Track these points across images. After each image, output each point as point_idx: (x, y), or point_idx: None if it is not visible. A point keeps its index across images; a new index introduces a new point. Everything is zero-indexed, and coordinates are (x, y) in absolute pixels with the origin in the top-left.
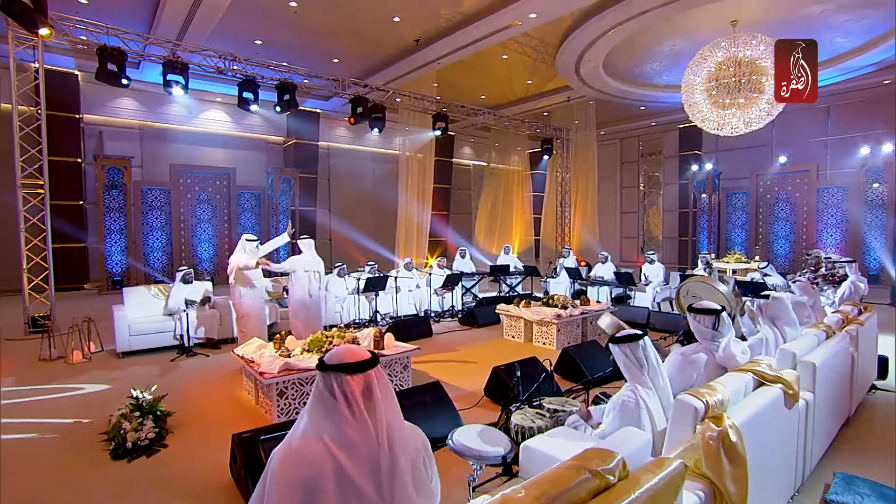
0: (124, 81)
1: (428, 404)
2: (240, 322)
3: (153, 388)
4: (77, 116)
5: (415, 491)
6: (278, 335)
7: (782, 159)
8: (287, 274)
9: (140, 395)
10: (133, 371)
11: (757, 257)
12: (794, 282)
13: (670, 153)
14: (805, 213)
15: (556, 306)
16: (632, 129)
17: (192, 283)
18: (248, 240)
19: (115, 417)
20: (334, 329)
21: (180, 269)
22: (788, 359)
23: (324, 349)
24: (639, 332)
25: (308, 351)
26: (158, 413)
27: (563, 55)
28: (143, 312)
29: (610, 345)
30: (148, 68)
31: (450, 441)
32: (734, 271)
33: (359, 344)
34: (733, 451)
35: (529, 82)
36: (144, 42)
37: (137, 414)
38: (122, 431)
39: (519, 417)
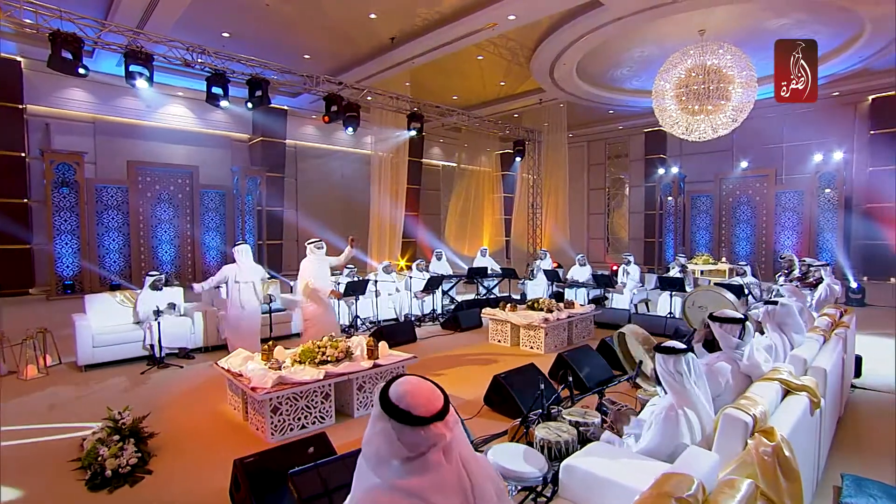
0: (81, 71)
1: None
2: (307, 325)
3: (131, 408)
4: (20, 107)
5: None
6: (265, 346)
7: (743, 164)
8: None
9: (119, 415)
10: (100, 386)
11: (724, 259)
12: (780, 285)
13: (636, 156)
14: (765, 216)
15: (541, 310)
16: (599, 132)
17: (161, 289)
18: (313, 244)
19: (89, 442)
20: (325, 338)
21: (150, 273)
22: (800, 365)
23: (317, 360)
24: (682, 346)
25: (300, 362)
26: (141, 435)
27: (539, 57)
28: (108, 321)
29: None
30: (102, 57)
31: None
32: (702, 272)
33: (352, 353)
34: (787, 465)
35: (503, 84)
36: (102, 29)
37: (116, 437)
38: (99, 458)
39: (544, 431)
